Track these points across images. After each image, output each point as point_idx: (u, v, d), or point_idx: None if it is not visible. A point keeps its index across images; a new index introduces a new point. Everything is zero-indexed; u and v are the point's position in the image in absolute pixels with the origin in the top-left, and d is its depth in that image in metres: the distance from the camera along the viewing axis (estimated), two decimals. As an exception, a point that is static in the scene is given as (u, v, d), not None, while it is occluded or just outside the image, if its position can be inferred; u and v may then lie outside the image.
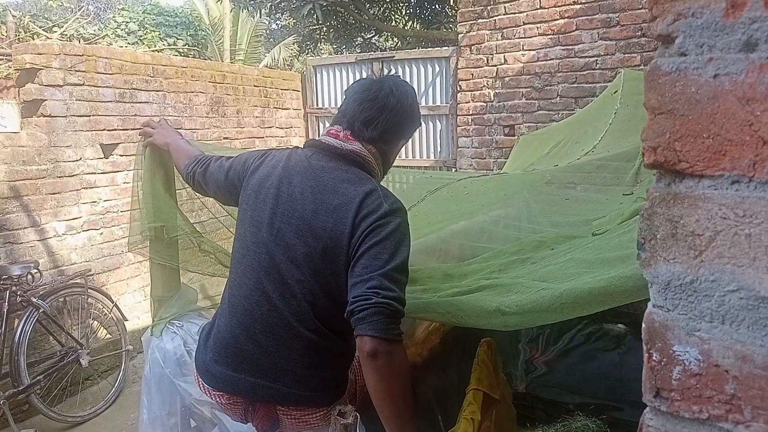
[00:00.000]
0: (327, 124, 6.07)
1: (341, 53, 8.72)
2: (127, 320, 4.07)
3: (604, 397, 3.59)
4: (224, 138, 5.00)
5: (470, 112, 5.14)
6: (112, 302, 3.95)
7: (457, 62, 5.14)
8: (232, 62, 10.74)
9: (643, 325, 0.51)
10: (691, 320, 0.48)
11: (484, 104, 5.05)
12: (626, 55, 4.37)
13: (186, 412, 2.15)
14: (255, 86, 5.41)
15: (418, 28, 8.68)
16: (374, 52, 7.41)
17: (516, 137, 4.81)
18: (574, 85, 4.62)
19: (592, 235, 2.04)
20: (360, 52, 7.03)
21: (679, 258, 0.48)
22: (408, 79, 5.51)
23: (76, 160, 3.88)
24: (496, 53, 4.91)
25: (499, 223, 2.91)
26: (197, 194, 2.12)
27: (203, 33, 10.86)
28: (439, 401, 2.18)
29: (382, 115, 1.49)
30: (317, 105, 6.04)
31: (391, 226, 1.38)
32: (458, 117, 5.21)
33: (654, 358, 0.50)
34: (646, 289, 0.51)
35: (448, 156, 5.41)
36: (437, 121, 5.44)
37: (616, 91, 3.92)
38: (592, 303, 1.41)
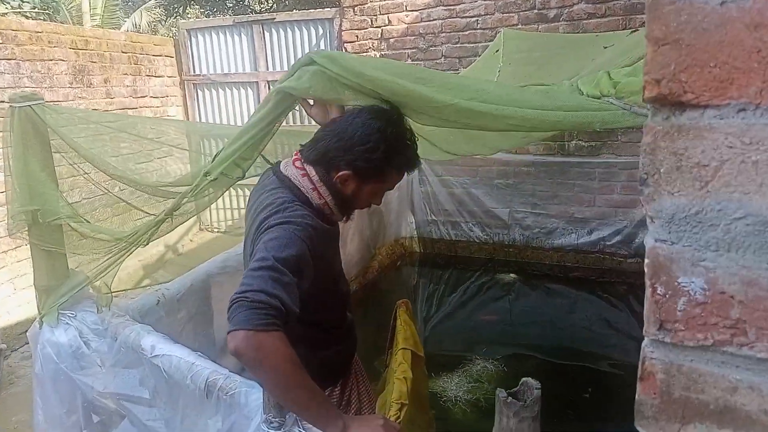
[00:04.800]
0: (207, 93, 5.75)
1: (212, 17, 8.24)
2: (-5, 317, 3.66)
3: (498, 340, 3.83)
4: (93, 110, 4.55)
5: (357, 75, 5.08)
6: (-24, 299, 3.52)
7: (340, 24, 5.04)
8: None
9: (647, 260, 0.51)
10: (696, 251, 0.48)
11: (371, 66, 5.01)
12: (505, 14, 4.52)
13: (88, 407, 1.98)
14: (123, 53, 4.96)
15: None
16: (252, 14, 7.07)
17: (404, 99, 4.83)
18: (458, 45, 4.72)
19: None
20: (234, 15, 6.67)
21: (684, 190, 0.48)
22: (291, 43, 5.34)
23: None
24: (380, 14, 4.87)
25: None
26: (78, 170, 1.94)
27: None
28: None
29: (325, 138, 1.49)
30: (194, 72, 5.68)
31: (274, 232, 1.36)
32: (345, 80, 5.13)
33: (658, 291, 0.50)
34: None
35: (336, 120, 5.34)
36: (323, 84, 5.33)
37: (497, 51, 4.05)
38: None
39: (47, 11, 8.86)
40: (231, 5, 8.60)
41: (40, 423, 1.98)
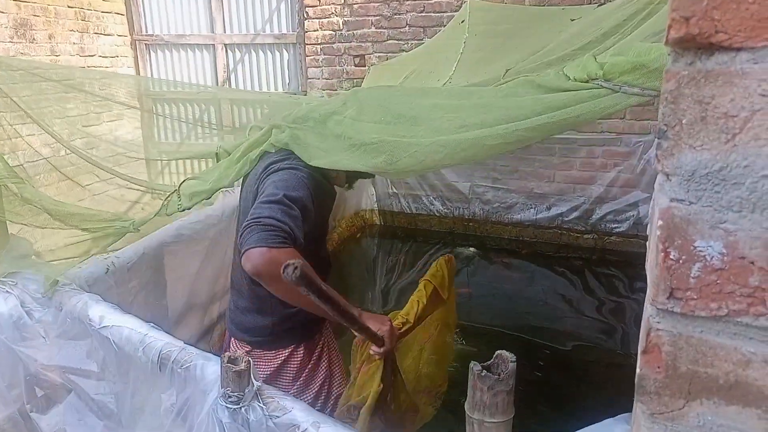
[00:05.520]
0: (160, 54, 5.48)
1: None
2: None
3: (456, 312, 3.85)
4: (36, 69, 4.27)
5: (319, 41, 4.93)
6: None
7: (302, -13, 4.85)
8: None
9: (659, 222, 0.46)
10: (717, 212, 0.44)
11: (333, 33, 4.87)
12: (471, -16, 4.43)
13: (31, 380, 1.86)
14: (69, 7, 4.65)
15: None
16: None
17: (367, 67, 4.72)
18: (423, 14, 4.61)
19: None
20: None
21: (708, 144, 0.43)
22: (250, 5, 5.12)
23: None
24: (344, -22, 4.71)
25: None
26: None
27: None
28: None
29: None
30: (146, 32, 5.40)
31: (284, 174, 1.51)
32: (306, 46, 4.98)
33: (671, 256, 0.46)
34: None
35: (297, 88, 5.19)
36: (284, 50, 5.16)
37: (462, 21, 3.98)
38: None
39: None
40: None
41: (-22, 398, 1.85)
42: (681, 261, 0.46)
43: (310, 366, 1.74)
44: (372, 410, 1.55)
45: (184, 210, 1.97)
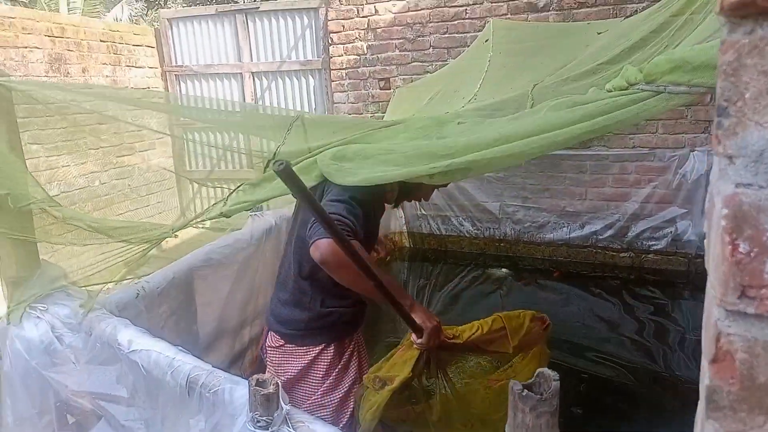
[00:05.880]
0: (190, 84, 5.60)
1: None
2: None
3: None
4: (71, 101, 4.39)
5: (344, 66, 4.97)
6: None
7: (326, 13, 4.92)
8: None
9: (724, 211, 0.41)
10: (793, 196, 0.39)
11: (358, 57, 4.91)
12: (494, 4, 4.43)
13: (62, 407, 1.85)
14: (101, 41, 4.79)
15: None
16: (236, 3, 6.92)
17: (392, 90, 4.74)
18: (446, 36, 4.62)
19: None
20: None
21: (779, 119, 0.38)
22: (276, 33, 5.21)
23: None
24: (367, 3, 4.76)
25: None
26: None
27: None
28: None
29: None
30: (176, 63, 5.52)
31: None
32: (332, 71, 5.02)
33: (741, 249, 0.41)
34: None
35: (323, 112, 5.22)
36: (309, 76, 5.21)
37: (486, 40, 3.96)
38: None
39: (23, 1, 8.62)
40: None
41: (10, 425, 1.85)
42: (753, 254, 0.40)
43: (339, 366, 1.82)
44: (394, 393, 1.63)
45: (223, 216, 1.93)
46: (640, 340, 3.40)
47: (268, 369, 1.91)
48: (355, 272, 1.48)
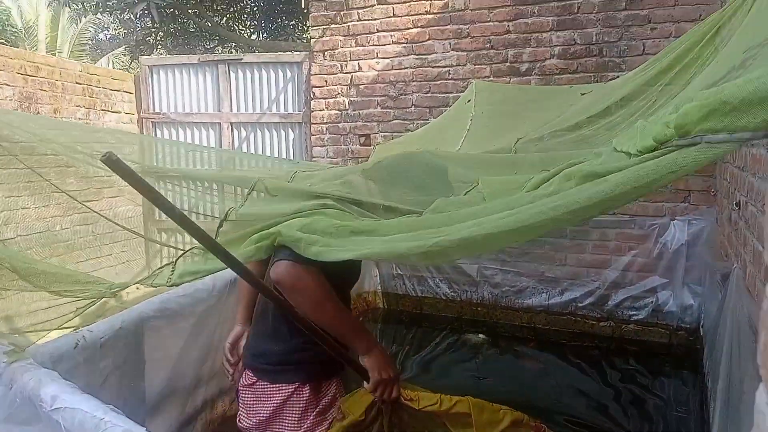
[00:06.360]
0: (166, 132, 5.48)
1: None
2: None
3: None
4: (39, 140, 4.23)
5: (324, 121, 4.92)
6: None
7: (309, 68, 4.90)
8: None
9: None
10: None
11: (339, 112, 4.87)
12: (476, 66, 4.46)
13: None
14: (77, 83, 4.69)
15: (265, 38, 8.36)
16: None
17: (372, 147, 4.67)
18: (428, 95, 4.61)
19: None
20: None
21: None
22: (257, 84, 5.17)
23: None
24: (351, 60, 4.76)
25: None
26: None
27: (13, 31, 9.48)
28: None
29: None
30: (153, 109, 5.43)
31: None
32: (312, 125, 4.96)
33: None
34: None
35: (301, 166, 5.12)
36: (290, 129, 5.14)
37: (469, 100, 3.94)
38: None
39: (6, 43, 8.56)
40: (201, 51, 8.47)
41: None
42: None
43: (317, 410, 1.69)
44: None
45: (172, 286, 1.77)
46: (622, 418, 3.21)
47: (239, 410, 1.77)
48: (312, 299, 1.46)
